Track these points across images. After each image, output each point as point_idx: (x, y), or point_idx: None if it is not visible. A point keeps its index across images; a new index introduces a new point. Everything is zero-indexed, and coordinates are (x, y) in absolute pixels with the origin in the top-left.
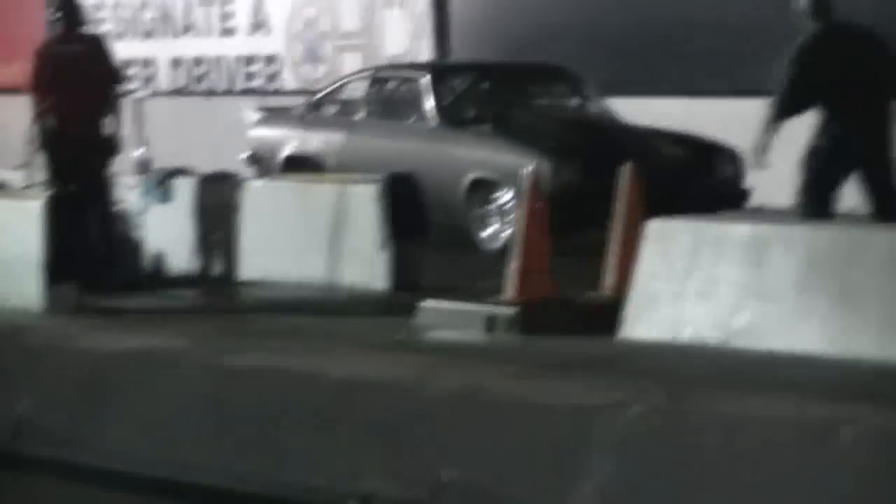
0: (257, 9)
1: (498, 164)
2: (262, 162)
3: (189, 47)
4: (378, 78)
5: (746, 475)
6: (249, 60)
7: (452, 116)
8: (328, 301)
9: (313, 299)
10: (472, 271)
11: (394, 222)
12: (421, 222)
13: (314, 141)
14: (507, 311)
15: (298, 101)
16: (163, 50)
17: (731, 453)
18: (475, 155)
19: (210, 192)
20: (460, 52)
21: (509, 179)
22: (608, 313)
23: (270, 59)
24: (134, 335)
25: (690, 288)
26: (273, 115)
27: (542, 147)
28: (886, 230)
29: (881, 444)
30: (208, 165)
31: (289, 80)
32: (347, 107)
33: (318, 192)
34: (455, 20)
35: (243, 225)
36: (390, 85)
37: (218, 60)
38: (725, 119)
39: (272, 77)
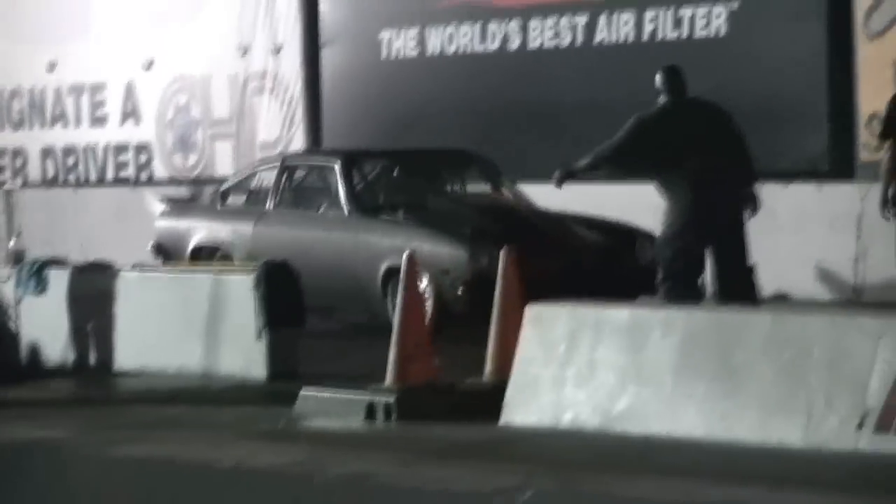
0: (128, 97)
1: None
2: (168, 252)
3: (59, 137)
4: (287, 166)
5: None
6: (120, 149)
7: (365, 204)
8: (207, 390)
9: (192, 389)
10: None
11: (271, 310)
12: (298, 310)
13: (223, 231)
14: (386, 398)
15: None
16: (33, 140)
17: None
18: (389, 243)
19: (84, 283)
20: (332, 139)
21: (424, 267)
22: (490, 399)
23: (141, 148)
24: (15, 427)
25: (570, 372)
26: (179, 206)
27: (456, 234)
28: (765, 312)
29: None
30: (81, 255)
31: (159, 169)
32: (256, 196)
33: (194, 282)
34: (327, 106)
35: (119, 315)
36: (299, 173)
37: (88, 150)
38: (602, 202)
39: (143, 166)
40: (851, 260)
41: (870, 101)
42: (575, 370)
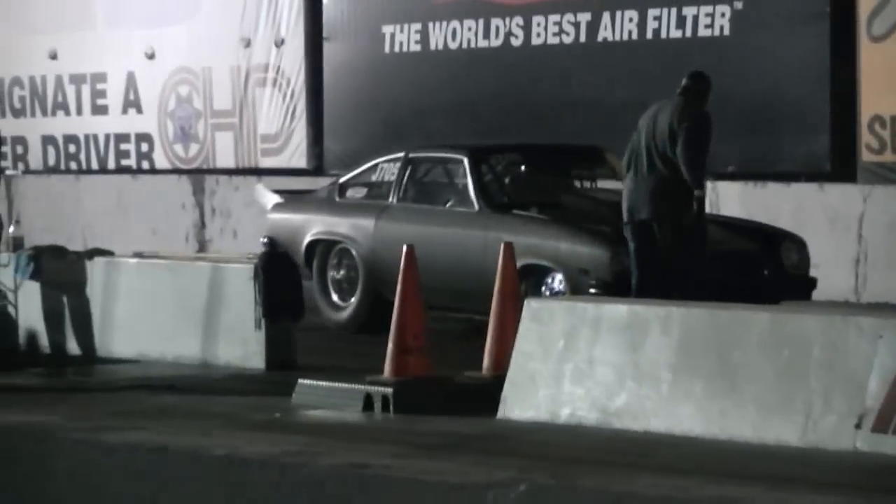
0: (129, 87)
1: (550, 251)
2: (283, 246)
3: (60, 126)
4: (410, 159)
5: None
6: (121, 139)
7: (496, 200)
8: (204, 379)
9: (189, 377)
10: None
11: (270, 301)
12: (297, 301)
13: (342, 225)
14: (383, 389)
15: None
16: (34, 128)
17: None
18: (524, 240)
19: (83, 270)
20: (332, 132)
21: (560, 266)
22: (487, 393)
23: (142, 138)
24: (9, 411)
25: (568, 368)
26: (293, 198)
27: (596, 233)
28: (763, 311)
29: None
30: (81, 243)
31: (160, 159)
32: (377, 189)
33: (193, 271)
34: (328, 100)
35: (118, 303)
36: (424, 167)
37: (89, 139)
38: None
39: (144, 156)
40: (852, 260)
41: (871, 104)
42: (573, 366)
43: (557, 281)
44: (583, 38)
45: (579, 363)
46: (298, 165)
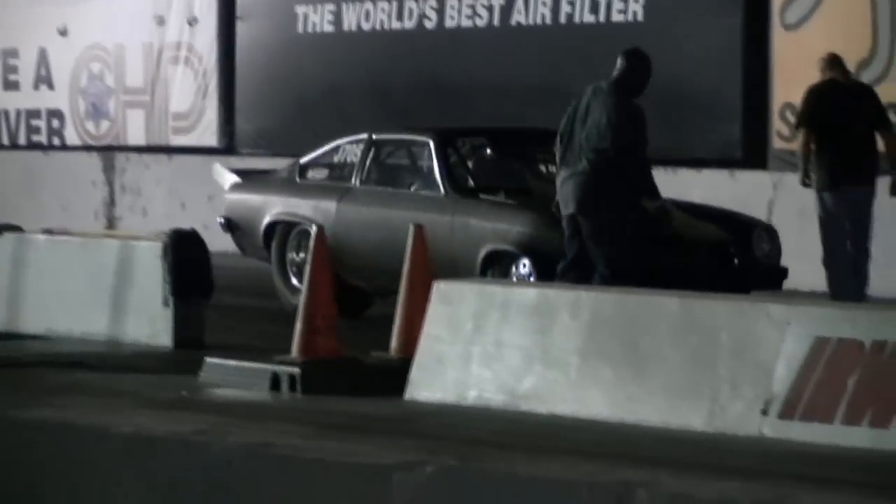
0: (41, 63)
1: (518, 236)
2: (238, 226)
3: None
4: (374, 141)
5: None
6: (32, 115)
7: (463, 184)
8: (111, 356)
9: (96, 354)
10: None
11: (178, 279)
12: (206, 279)
13: (302, 206)
14: (290, 369)
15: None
16: None
17: None
18: (492, 226)
19: None
20: (244, 111)
21: (528, 252)
22: (395, 375)
23: (53, 114)
24: None
25: (476, 350)
26: (252, 178)
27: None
28: (673, 297)
29: None
30: None
31: (71, 136)
32: (339, 171)
33: (102, 248)
34: (240, 79)
35: (27, 278)
36: (387, 149)
37: (0, 115)
38: None
39: (55, 132)
40: None
41: (784, 92)
42: (481, 349)
43: (524, 266)
44: (496, 22)
45: (487, 346)
46: (209, 144)
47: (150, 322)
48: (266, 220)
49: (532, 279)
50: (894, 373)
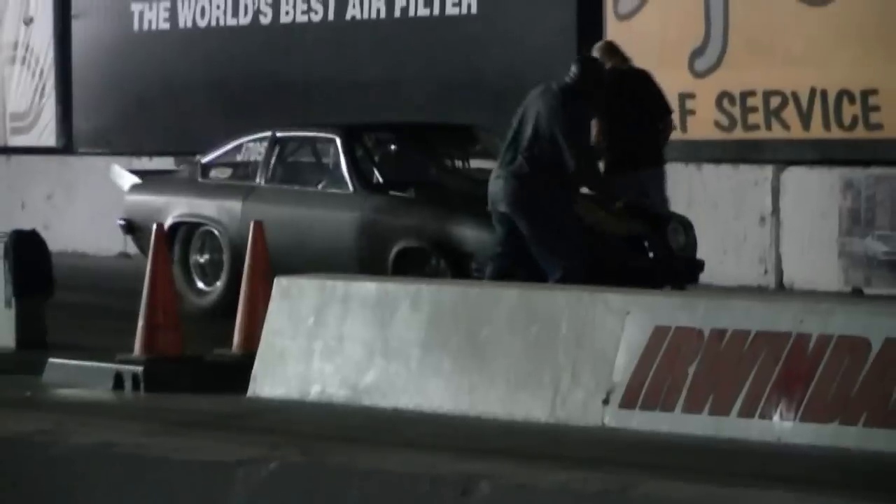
0: None
1: (432, 234)
2: (139, 228)
3: None
4: (278, 138)
5: None
6: None
7: (371, 180)
8: None
9: None
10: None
11: (20, 279)
12: (47, 279)
13: (206, 206)
14: (133, 368)
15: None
16: None
17: None
18: (402, 223)
19: None
20: (82, 110)
21: (443, 249)
22: (237, 371)
23: None
24: None
25: (318, 345)
26: (153, 179)
27: (481, 215)
28: (512, 287)
29: (520, 497)
30: None
31: None
32: (243, 170)
33: None
34: (77, 78)
35: None
36: (292, 146)
37: None
38: None
39: None
40: None
41: None
42: (322, 343)
43: (439, 264)
44: (331, 17)
45: (329, 340)
46: (48, 143)
47: None
48: (169, 221)
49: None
50: (733, 360)
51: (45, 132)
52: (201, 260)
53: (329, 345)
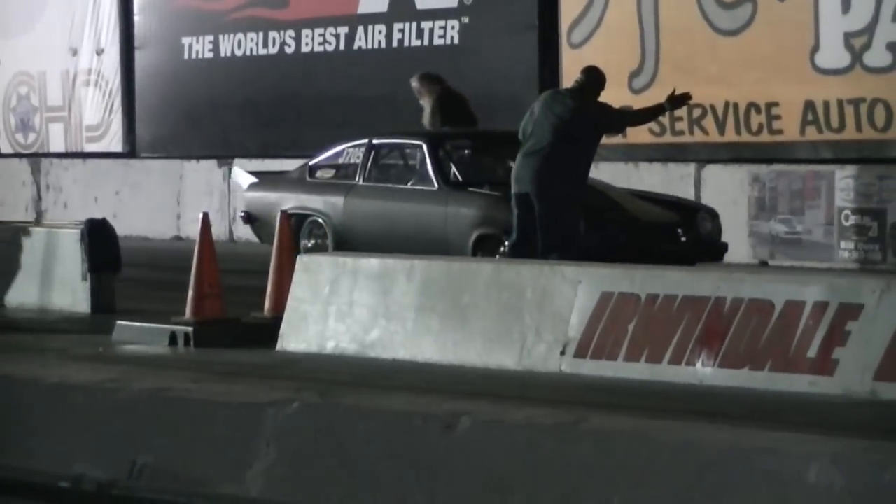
0: None
1: (502, 222)
2: (256, 219)
3: None
4: (374, 145)
5: (381, 459)
6: None
7: (452, 178)
8: (40, 322)
9: (28, 320)
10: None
11: (93, 258)
12: (115, 258)
13: (313, 200)
14: (184, 328)
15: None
16: None
17: (364, 440)
18: (480, 213)
19: None
20: (143, 123)
21: (505, 235)
22: (268, 330)
23: None
24: None
25: (332, 309)
26: (268, 178)
27: None
28: (488, 262)
29: (493, 429)
30: None
31: (4, 146)
32: (344, 171)
33: (32, 234)
34: (139, 97)
35: None
36: (384, 151)
37: None
38: None
39: None
40: None
41: None
42: (336, 308)
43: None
44: (342, 47)
45: (341, 305)
46: (116, 149)
47: (71, 293)
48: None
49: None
50: (664, 319)
51: (114, 140)
52: (309, 245)
53: (341, 309)
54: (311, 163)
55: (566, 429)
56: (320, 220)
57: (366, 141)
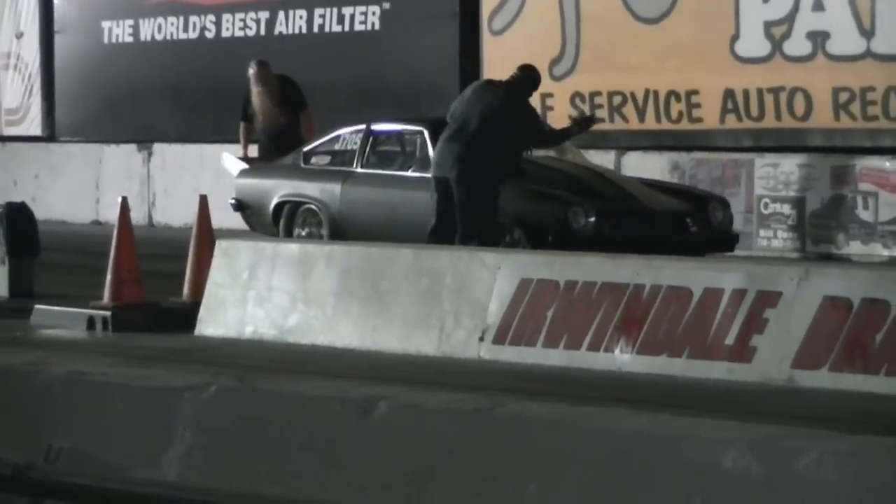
0: None
1: (512, 211)
2: (248, 206)
3: None
4: (371, 131)
5: (298, 444)
6: None
7: None
8: None
9: None
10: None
11: (12, 242)
12: (34, 242)
13: (308, 188)
14: (102, 313)
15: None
16: None
17: (290, 426)
18: None
19: None
20: (62, 108)
21: (519, 224)
22: (186, 315)
23: None
24: None
25: (251, 294)
26: (259, 165)
27: (552, 195)
28: (407, 248)
29: (411, 414)
30: None
31: None
32: (340, 157)
33: None
34: (59, 81)
35: None
36: (383, 138)
37: None
38: None
39: None
40: None
41: None
42: (255, 293)
43: (514, 235)
44: (262, 32)
45: (260, 290)
46: (35, 133)
47: None
48: (275, 200)
49: (526, 247)
50: (582, 306)
51: (33, 124)
52: (303, 233)
53: (260, 294)
54: (305, 149)
55: (484, 414)
56: (315, 208)
57: (363, 127)
